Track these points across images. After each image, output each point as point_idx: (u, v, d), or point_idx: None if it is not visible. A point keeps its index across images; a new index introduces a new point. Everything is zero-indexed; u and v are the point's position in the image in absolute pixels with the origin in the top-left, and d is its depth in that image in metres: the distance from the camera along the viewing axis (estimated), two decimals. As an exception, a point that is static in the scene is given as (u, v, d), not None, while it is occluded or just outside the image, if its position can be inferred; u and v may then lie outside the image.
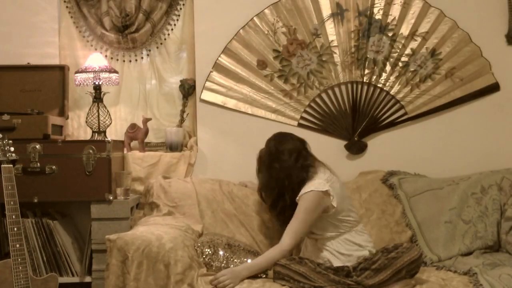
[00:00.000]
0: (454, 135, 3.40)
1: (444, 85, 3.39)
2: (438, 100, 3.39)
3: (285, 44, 3.40)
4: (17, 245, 2.42)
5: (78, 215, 3.27)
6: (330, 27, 3.39)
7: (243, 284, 2.48)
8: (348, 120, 3.39)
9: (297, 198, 2.67)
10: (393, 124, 3.40)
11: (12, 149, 2.52)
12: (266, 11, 3.40)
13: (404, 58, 3.39)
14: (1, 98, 3.26)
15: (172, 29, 3.53)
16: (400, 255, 2.46)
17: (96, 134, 3.24)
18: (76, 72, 3.25)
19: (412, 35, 3.39)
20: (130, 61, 3.54)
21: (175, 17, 3.52)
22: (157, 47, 3.54)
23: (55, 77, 3.33)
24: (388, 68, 3.39)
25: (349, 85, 3.39)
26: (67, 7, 3.50)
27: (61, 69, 3.35)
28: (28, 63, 3.35)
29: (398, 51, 3.38)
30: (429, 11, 3.38)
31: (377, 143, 3.40)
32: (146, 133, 3.37)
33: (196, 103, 3.44)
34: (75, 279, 3.03)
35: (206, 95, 3.41)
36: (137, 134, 3.37)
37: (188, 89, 3.45)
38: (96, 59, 3.25)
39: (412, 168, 3.31)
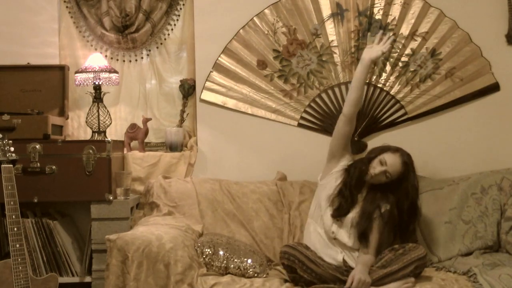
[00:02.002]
0: (454, 135, 3.40)
1: (444, 85, 3.39)
2: (438, 100, 3.39)
3: (285, 44, 3.40)
4: (17, 245, 2.42)
5: (78, 215, 3.27)
6: (330, 27, 3.39)
7: (246, 284, 2.49)
8: (348, 120, 3.39)
9: None
10: (393, 124, 3.40)
11: (12, 149, 2.52)
12: (266, 11, 3.40)
13: (404, 58, 3.39)
14: (1, 98, 3.26)
15: (172, 29, 3.53)
16: (408, 252, 2.53)
17: (96, 134, 3.24)
18: (76, 72, 3.25)
19: (412, 35, 3.39)
20: (130, 61, 3.54)
21: (175, 17, 3.52)
22: (157, 47, 3.54)
23: (55, 77, 3.33)
24: (388, 68, 3.39)
25: (349, 85, 3.39)
26: (67, 7, 3.50)
27: (61, 69, 3.35)
28: (28, 63, 3.35)
29: (398, 51, 3.38)
30: (429, 11, 3.38)
31: (377, 143, 3.38)
32: (146, 133, 3.37)
33: (196, 103, 3.44)
34: (75, 279, 3.03)
35: (206, 95, 3.42)
36: (137, 134, 3.37)
37: (188, 89, 3.45)
38: (96, 59, 3.25)
39: (412, 168, 3.31)
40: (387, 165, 2.73)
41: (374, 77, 3.39)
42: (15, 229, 2.43)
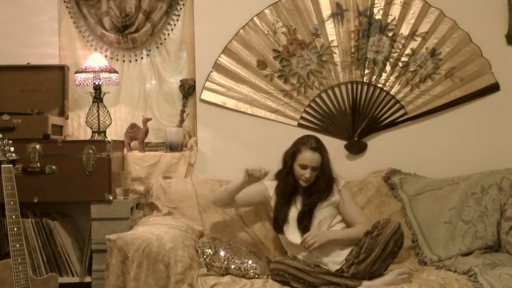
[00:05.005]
0: (454, 135, 3.40)
1: (444, 85, 3.39)
2: (438, 100, 3.39)
3: (285, 44, 3.40)
4: (17, 245, 2.42)
5: (78, 215, 3.27)
6: (330, 27, 3.39)
7: (246, 285, 2.49)
8: (348, 120, 3.39)
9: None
10: (393, 124, 3.40)
11: (12, 149, 2.52)
12: (266, 11, 3.40)
13: (404, 58, 3.39)
14: (1, 98, 3.26)
15: (172, 29, 3.53)
16: (382, 230, 2.56)
17: (96, 134, 3.24)
18: (76, 72, 3.25)
19: (412, 35, 3.39)
20: (130, 61, 3.54)
21: (175, 17, 3.52)
22: (157, 47, 3.54)
23: (55, 77, 3.33)
24: (388, 68, 3.39)
25: (349, 85, 3.39)
26: (67, 7, 3.50)
27: (61, 69, 3.35)
28: (28, 63, 3.35)
29: (398, 51, 3.38)
30: (429, 11, 3.38)
31: (377, 143, 3.40)
32: (146, 133, 3.37)
33: (196, 103, 3.44)
34: (75, 279, 3.03)
35: (206, 95, 3.41)
36: (137, 134, 3.36)
37: (188, 89, 3.45)
38: (96, 59, 3.25)
39: (412, 168, 3.31)
40: (309, 164, 2.76)
41: (374, 77, 3.39)
42: (15, 229, 2.43)
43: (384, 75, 3.39)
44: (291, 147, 2.88)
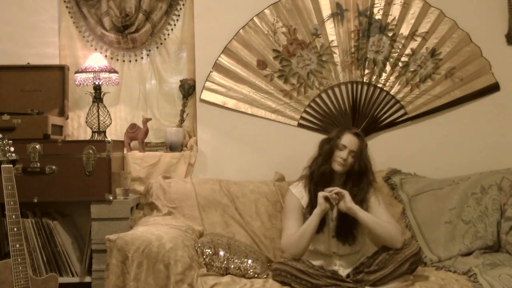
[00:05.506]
0: (454, 135, 3.40)
1: (444, 85, 3.39)
2: (438, 100, 3.39)
3: (285, 44, 3.40)
4: (17, 245, 2.42)
5: (78, 215, 3.27)
6: (330, 27, 3.39)
7: (246, 285, 2.49)
8: (348, 120, 3.39)
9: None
10: (393, 124, 3.41)
11: (12, 149, 2.52)
12: (266, 11, 3.40)
13: (404, 58, 3.39)
14: (1, 98, 3.26)
15: (172, 29, 3.53)
16: (400, 250, 2.51)
17: (96, 134, 3.24)
18: (76, 72, 3.25)
19: (412, 35, 3.39)
20: (130, 61, 3.54)
21: (175, 17, 3.52)
22: (157, 47, 3.54)
23: (55, 77, 3.33)
24: (388, 68, 3.39)
25: (349, 85, 3.40)
26: (67, 7, 3.50)
27: (61, 69, 3.34)
28: (28, 63, 3.35)
29: (398, 51, 3.38)
30: (429, 11, 3.38)
31: (377, 143, 3.40)
32: (146, 133, 3.37)
33: (196, 103, 3.44)
34: (75, 279, 3.03)
35: (206, 95, 3.42)
36: (137, 134, 3.37)
37: (188, 89, 3.45)
38: (96, 59, 3.25)
39: (412, 168, 3.31)
40: (348, 145, 2.69)
41: (374, 77, 3.39)
42: (15, 229, 2.43)
43: (384, 75, 3.39)
44: (331, 134, 2.82)
